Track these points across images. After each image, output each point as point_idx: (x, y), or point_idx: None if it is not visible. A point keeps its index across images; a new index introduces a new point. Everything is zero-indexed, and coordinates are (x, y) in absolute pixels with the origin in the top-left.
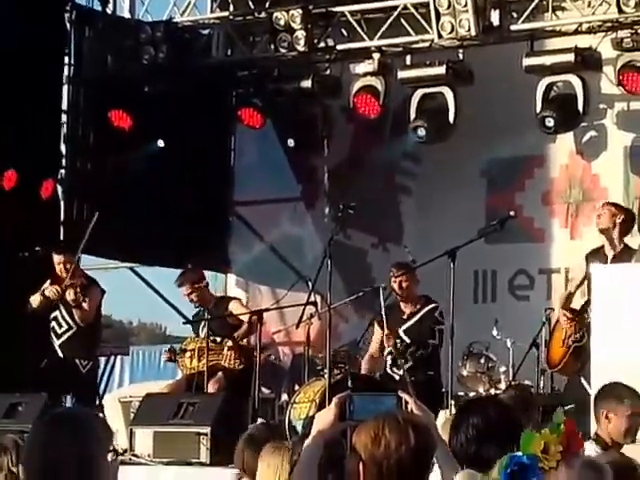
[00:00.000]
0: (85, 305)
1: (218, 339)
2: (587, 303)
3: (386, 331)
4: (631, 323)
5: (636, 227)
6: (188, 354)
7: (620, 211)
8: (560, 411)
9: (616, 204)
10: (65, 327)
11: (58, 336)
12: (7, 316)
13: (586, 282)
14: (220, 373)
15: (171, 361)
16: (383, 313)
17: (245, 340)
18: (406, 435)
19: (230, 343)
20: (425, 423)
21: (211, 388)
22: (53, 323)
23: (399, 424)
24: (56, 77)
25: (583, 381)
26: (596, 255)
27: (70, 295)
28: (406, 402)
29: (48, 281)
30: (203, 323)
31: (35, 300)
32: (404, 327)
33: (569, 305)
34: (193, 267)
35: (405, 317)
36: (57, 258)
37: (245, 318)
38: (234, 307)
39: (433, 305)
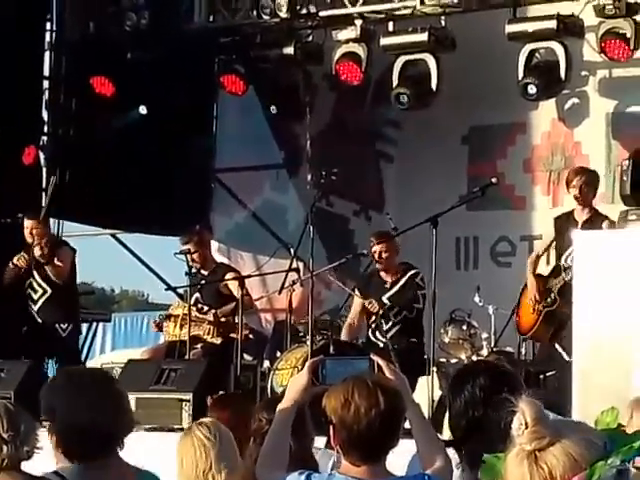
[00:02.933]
0: (57, 262)
1: (205, 308)
2: (556, 267)
3: (367, 300)
4: (613, 290)
5: (617, 195)
6: (172, 319)
7: (592, 178)
8: None
9: (584, 171)
10: (40, 292)
11: (35, 302)
12: None
13: (554, 245)
14: (199, 346)
15: (161, 330)
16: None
17: (226, 316)
18: (376, 399)
19: (211, 318)
20: (395, 386)
21: None
22: (29, 290)
23: (369, 388)
24: (37, 43)
25: (558, 347)
26: (566, 220)
27: (37, 252)
28: (379, 365)
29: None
30: (194, 289)
31: (8, 273)
32: (387, 295)
33: (536, 269)
34: (200, 229)
35: (388, 286)
36: (25, 223)
37: (238, 294)
38: (229, 277)
39: (414, 271)
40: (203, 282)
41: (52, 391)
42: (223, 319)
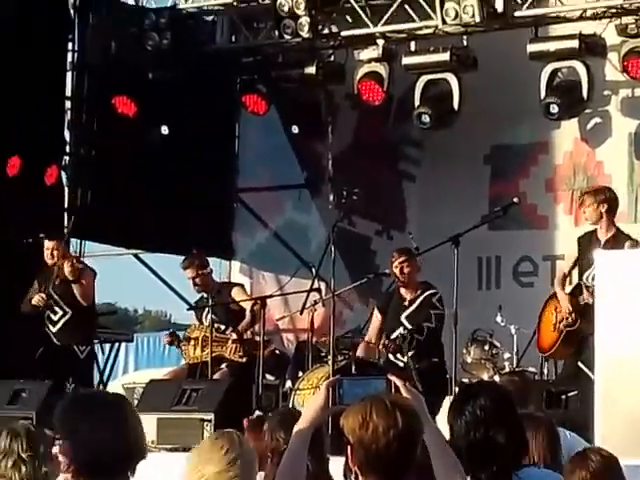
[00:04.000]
0: (83, 281)
1: (222, 327)
2: (578, 287)
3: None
4: (635, 309)
5: None
6: (192, 342)
7: (602, 199)
8: None
9: (594, 192)
10: (60, 313)
11: (54, 323)
12: (9, 303)
13: (577, 265)
14: (224, 365)
15: (172, 344)
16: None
17: (249, 331)
18: (394, 419)
19: (235, 336)
20: (413, 406)
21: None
22: (48, 311)
23: (387, 408)
24: (60, 63)
25: (582, 366)
26: (589, 239)
27: (67, 269)
28: (396, 386)
29: (35, 282)
30: (206, 310)
31: (26, 306)
32: (405, 314)
33: (565, 286)
34: (198, 252)
35: (406, 304)
36: (46, 244)
37: (248, 305)
38: (237, 293)
39: (432, 291)
40: (221, 302)
41: (67, 410)
42: (246, 336)
